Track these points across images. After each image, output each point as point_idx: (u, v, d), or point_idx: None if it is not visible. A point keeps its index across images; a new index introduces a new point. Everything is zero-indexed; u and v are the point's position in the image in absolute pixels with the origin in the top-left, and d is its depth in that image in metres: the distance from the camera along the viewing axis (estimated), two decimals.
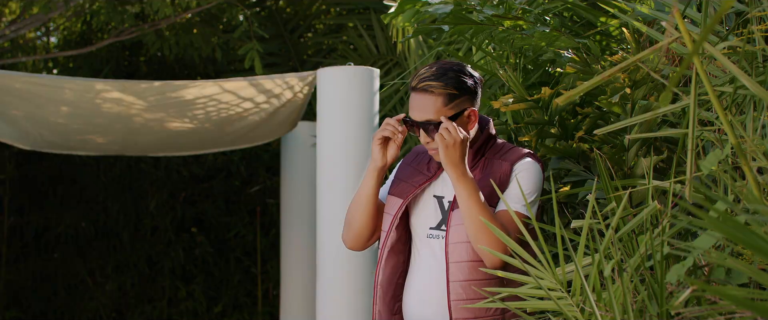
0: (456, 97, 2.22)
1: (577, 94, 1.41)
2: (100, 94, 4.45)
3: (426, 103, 2.22)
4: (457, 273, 2.24)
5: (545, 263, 1.68)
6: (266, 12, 6.62)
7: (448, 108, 2.22)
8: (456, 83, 2.23)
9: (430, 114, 2.23)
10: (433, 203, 2.35)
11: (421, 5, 2.89)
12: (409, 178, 2.40)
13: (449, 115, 2.22)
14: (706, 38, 1.11)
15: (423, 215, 2.36)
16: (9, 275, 6.65)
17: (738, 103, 1.95)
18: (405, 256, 2.40)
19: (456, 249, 2.24)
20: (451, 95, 2.22)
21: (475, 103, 2.28)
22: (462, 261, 2.24)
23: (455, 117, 2.23)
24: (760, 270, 1.41)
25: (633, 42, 2.35)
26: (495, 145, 2.32)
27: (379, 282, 2.39)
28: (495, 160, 2.28)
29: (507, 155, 2.28)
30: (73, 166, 6.79)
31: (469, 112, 2.25)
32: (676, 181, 1.77)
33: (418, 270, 2.35)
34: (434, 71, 2.24)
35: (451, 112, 2.23)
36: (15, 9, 6.96)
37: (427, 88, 2.22)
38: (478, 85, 2.29)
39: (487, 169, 2.27)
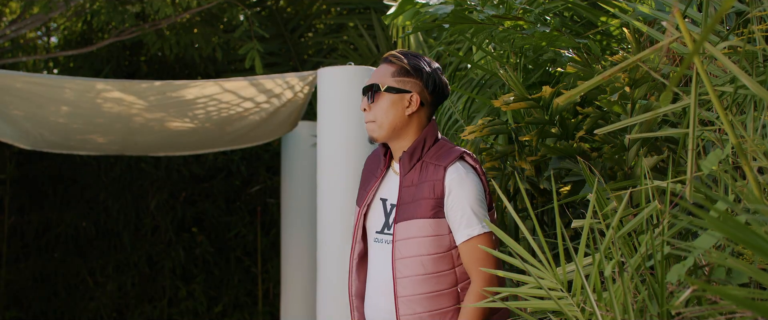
0: (407, 73, 2.25)
1: (577, 94, 1.41)
2: (100, 93, 4.45)
3: (380, 70, 2.29)
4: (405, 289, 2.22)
5: (546, 263, 1.68)
6: (267, 12, 6.62)
7: (394, 79, 2.26)
8: (413, 64, 2.26)
9: (377, 79, 2.28)
10: (380, 205, 2.34)
11: (421, 6, 2.89)
12: (365, 184, 2.41)
13: (393, 85, 2.25)
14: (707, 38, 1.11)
15: (372, 218, 2.35)
16: (9, 275, 6.65)
17: (738, 103, 1.95)
18: None
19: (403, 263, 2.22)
20: (403, 69, 2.25)
21: (424, 96, 2.28)
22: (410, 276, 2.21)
23: (396, 91, 2.24)
24: (760, 270, 1.41)
25: (633, 42, 2.35)
26: (434, 148, 2.28)
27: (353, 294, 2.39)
28: (431, 165, 2.24)
29: (442, 159, 2.23)
30: (74, 166, 6.79)
31: (412, 96, 2.25)
32: (676, 181, 1.77)
33: (370, 275, 2.35)
34: (405, 50, 2.31)
35: (396, 85, 2.26)
36: (15, 9, 6.96)
37: (388, 57, 2.29)
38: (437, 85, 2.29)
39: (423, 174, 2.24)
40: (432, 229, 2.18)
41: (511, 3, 2.83)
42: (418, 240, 2.19)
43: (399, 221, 2.22)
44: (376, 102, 2.26)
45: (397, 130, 2.26)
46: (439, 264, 2.19)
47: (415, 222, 2.20)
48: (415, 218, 2.19)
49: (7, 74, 4.23)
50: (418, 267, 2.19)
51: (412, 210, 2.21)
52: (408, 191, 2.24)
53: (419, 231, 2.19)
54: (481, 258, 2.14)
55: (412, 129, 2.27)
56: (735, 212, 1.57)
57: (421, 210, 2.19)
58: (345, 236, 3.78)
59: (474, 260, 2.15)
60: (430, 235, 2.18)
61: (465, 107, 3.48)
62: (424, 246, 2.18)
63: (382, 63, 2.30)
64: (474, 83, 3.43)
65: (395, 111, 2.25)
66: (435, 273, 2.18)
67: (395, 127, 2.26)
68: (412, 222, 2.20)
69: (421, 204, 2.19)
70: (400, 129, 2.27)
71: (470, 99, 3.45)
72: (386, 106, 2.25)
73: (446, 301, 2.19)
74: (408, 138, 2.28)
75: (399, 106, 2.25)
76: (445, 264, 2.19)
